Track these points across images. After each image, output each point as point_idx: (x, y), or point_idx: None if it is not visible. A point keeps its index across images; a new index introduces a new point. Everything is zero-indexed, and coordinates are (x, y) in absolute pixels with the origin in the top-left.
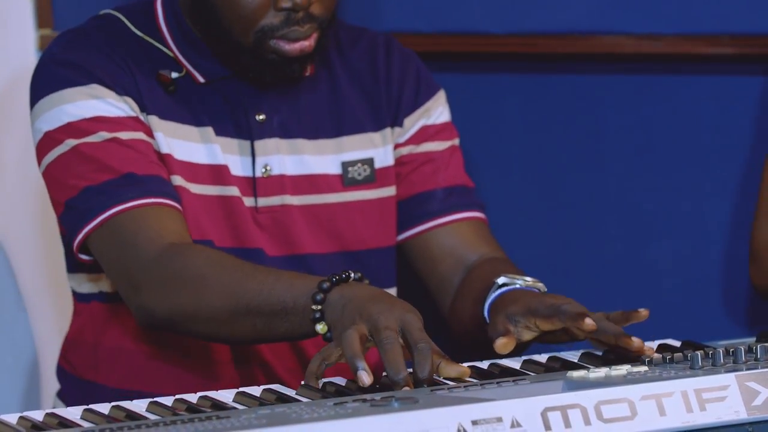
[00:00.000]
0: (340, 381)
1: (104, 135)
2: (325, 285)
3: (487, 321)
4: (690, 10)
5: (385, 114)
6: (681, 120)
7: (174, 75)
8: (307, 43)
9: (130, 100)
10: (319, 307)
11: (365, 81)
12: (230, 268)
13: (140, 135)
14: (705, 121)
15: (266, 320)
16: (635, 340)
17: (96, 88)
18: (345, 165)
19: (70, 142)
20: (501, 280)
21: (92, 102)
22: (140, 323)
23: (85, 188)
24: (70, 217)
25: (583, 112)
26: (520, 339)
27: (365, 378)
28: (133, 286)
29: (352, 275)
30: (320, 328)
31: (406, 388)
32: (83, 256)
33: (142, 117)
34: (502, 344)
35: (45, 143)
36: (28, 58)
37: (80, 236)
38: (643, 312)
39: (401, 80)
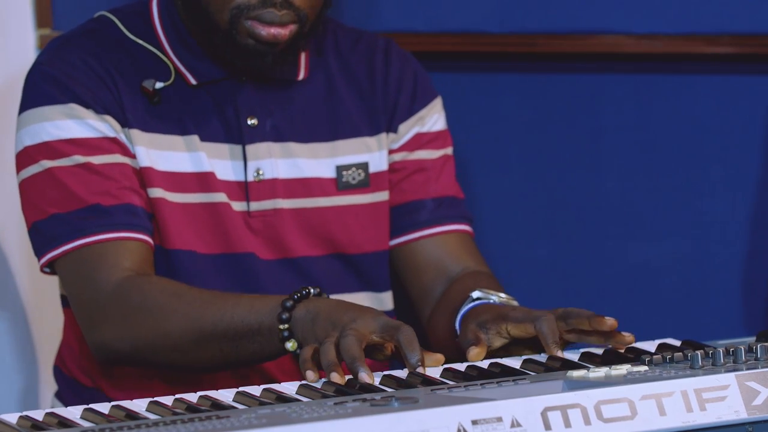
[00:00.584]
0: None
1: (78, 159)
2: (289, 303)
3: (458, 333)
4: (690, 9)
5: (381, 118)
6: (681, 119)
7: (159, 85)
8: (282, 31)
9: (109, 118)
10: (287, 325)
11: (363, 84)
12: (188, 296)
13: (115, 158)
14: (705, 120)
15: (232, 344)
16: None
17: (74, 108)
18: (339, 169)
19: (45, 164)
20: (476, 294)
21: (69, 123)
22: (99, 359)
23: (53, 215)
24: (36, 239)
25: (583, 112)
26: (491, 346)
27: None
28: (90, 321)
29: (312, 291)
30: (290, 345)
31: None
32: (47, 269)
33: (122, 134)
34: (474, 354)
35: (23, 158)
36: (28, 57)
37: (44, 260)
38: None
39: (398, 85)
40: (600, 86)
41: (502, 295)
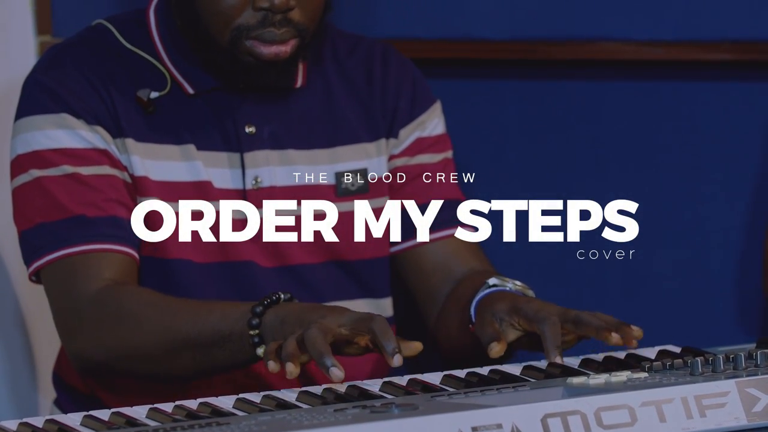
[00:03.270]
0: (340, 387)
1: (66, 169)
2: (258, 309)
3: (473, 320)
4: (690, 16)
5: (381, 124)
6: (681, 126)
7: (154, 95)
8: (283, 48)
9: (100, 129)
10: (257, 331)
11: (361, 90)
12: (162, 305)
13: (104, 169)
14: (705, 127)
15: (204, 352)
16: (614, 336)
17: (66, 118)
18: (338, 175)
19: (34, 173)
20: (492, 281)
21: (60, 133)
22: (78, 369)
23: (38, 224)
24: (23, 247)
25: (583, 119)
26: (506, 338)
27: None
28: (67, 331)
29: (282, 296)
30: (261, 352)
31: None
32: (34, 278)
33: (113, 145)
34: (495, 352)
35: (15, 166)
36: (28, 64)
37: (30, 269)
38: (636, 332)
39: (397, 90)
40: (600, 93)
41: (518, 282)
